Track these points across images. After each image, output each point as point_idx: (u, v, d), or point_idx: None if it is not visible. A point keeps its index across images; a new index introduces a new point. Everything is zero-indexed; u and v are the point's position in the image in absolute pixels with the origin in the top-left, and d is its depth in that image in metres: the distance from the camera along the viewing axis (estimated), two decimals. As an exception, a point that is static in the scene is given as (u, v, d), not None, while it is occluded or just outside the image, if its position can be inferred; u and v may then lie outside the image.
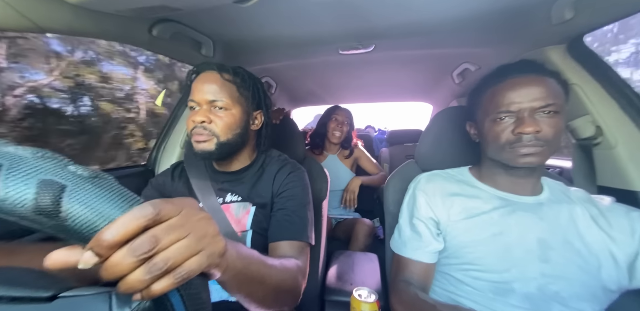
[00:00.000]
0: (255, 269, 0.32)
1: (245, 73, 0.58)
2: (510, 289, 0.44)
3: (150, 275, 0.17)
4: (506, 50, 0.77)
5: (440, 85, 1.28)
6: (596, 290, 0.43)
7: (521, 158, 0.45)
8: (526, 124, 0.43)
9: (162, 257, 0.18)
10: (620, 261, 0.42)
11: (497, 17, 0.63)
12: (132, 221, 0.17)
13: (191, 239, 0.20)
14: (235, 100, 0.54)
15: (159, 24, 0.61)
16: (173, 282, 0.18)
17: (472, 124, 0.56)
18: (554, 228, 0.46)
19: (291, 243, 0.50)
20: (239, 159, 0.60)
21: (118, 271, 0.17)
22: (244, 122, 0.56)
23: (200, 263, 0.20)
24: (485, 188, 0.53)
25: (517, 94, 0.45)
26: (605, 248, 0.43)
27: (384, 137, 2.28)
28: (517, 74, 0.46)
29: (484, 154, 0.54)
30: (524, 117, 0.44)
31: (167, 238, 0.19)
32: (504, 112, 0.46)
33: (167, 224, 0.19)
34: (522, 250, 0.45)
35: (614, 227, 0.44)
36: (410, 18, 0.65)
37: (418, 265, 0.51)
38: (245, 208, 0.57)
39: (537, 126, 0.43)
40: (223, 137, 0.53)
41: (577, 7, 0.54)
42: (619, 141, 0.59)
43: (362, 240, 1.07)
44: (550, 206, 0.49)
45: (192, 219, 0.21)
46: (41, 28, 0.45)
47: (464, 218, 0.50)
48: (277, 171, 0.59)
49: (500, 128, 0.46)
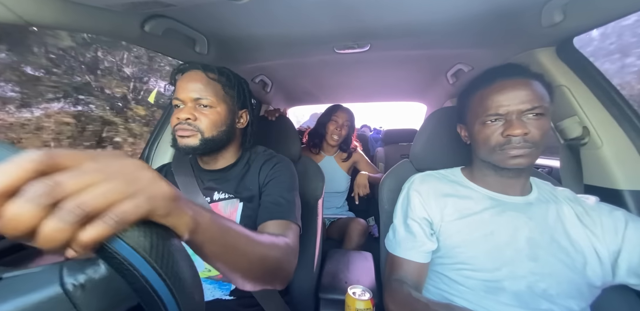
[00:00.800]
0: (235, 238, 0.30)
1: (230, 73, 0.59)
2: (500, 287, 0.45)
3: (64, 222, 0.15)
4: (498, 52, 0.79)
5: (434, 85, 1.29)
6: (582, 287, 0.44)
7: (511, 160, 0.46)
8: (514, 127, 0.44)
9: (75, 201, 0.15)
10: (604, 258, 0.44)
11: (489, 19, 0.64)
12: (19, 165, 0.15)
13: (116, 182, 0.17)
14: (221, 98, 0.55)
15: (151, 20, 0.59)
16: (105, 228, 0.16)
17: (462, 127, 0.57)
18: (542, 227, 0.47)
19: (278, 222, 0.50)
20: (225, 156, 0.61)
21: (21, 225, 0.14)
22: (229, 120, 0.57)
23: (137, 205, 0.17)
24: (476, 189, 0.54)
25: (505, 97, 0.46)
26: (590, 245, 0.45)
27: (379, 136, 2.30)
28: (504, 77, 0.48)
29: (475, 156, 0.55)
30: (512, 120, 0.45)
31: (73, 181, 0.16)
32: (493, 115, 0.47)
33: (73, 170, 0.16)
34: (512, 249, 0.47)
35: (598, 225, 0.46)
36: (405, 18, 0.65)
37: (412, 264, 0.51)
38: (234, 205, 0.57)
39: (525, 128, 0.44)
40: (208, 134, 0.53)
41: (566, 10, 0.55)
42: (604, 141, 0.61)
43: (355, 240, 1.07)
44: (538, 205, 0.50)
45: (114, 164, 0.18)
46: (27, 21, 0.43)
47: (456, 219, 0.51)
48: (262, 163, 0.61)
49: (489, 131, 0.48)
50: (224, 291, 0.54)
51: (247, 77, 1.09)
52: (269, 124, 0.87)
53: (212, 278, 0.55)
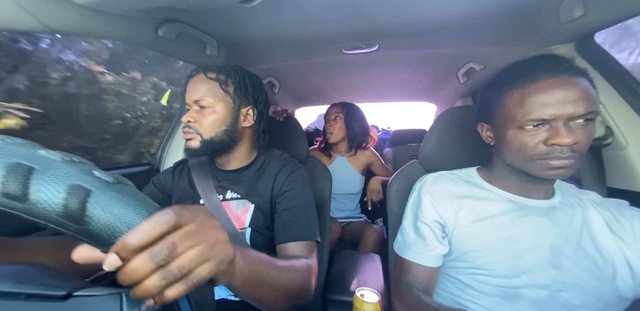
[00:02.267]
0: (264, 272, 0.33)
1: (232, 70, 0.58)
2: (518, 295, 0.43)
3: (165, 281, 0.18)
4: (513, 49, 0.76)
5: (444, 85, 1.26)
6: (610, 299, 0.41)
7: (552, 171, 0.41)
8: (562, 135, 0.38)
9: (178, 264, 0.19)
10: (636, 268, 0.41)
11: (503, 16, 0.62)
12: (156, 227, 0.18)
13: (204, 246, 0.21)
14: (219, 97, 0.55)
15: (164, 25, 0.61)
16: (185, 288, 0.19)
17: (485, 126, 0.50)
18: (567, 234, 0.44)
19: (299, 244, 0.51)
20: (237, 157, 0.61)
21: (137, 276, 0.18)
22: (229, 119, 0.56)
23: (210, 269, 0.21)
24: (495, 190, 0.51)
25: (554, 99, 0.38)
26: (620, 254, 0.42)
27: (387, 137, 2.27)
28: (550, 74, 0.40)
29: (498, 158, 0.50)
30: (559, 127, 0.39)
31: (182, 245, 0.19)
32: (536, 120, 0.40)
33: (183, 232, 0.20)
34: (533, 256, 0.44)
35: (630, 232, 0.43)
36: (414, 17, 0.64)
37: (422, 268, 0.49)
38: (245, 206, 0.57)
39: (574, 137, 0.38)
40: (206, 135, 0.54)
41: (586, 4, 0.53)
42: (629, 142, 0.58)
43: (370, 248, 1.03)
44: (563, 210, 0.46)
45: (205, 227, 0.22)
46: (51, 29, 0.45)
47: (472, 221, 0.48)
48: (277, 171, 0.59)
49: (529, 138, 0.41)
50: (230, 291, 0.54)
51: (256, 78, 1.10)
52: (276, 124, 0.88)
53: None
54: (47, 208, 0.16)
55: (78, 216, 0.16)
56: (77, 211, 0.16)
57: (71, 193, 0.16)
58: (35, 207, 0.16)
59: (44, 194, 0.16)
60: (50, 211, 0.16)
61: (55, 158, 0.17)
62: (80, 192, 0.17)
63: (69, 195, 0.16)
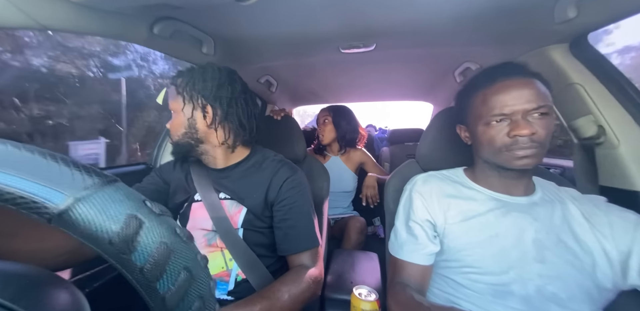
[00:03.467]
0: None
1: (187, 71, 0.56)
2: (509, 291, 0.44)
3: None
4: (508, 49, 0.77)
5: (441, 84, 1.27)
6: (591, 290, 0.43)
7: (518, 160, 0.45)
8: (521, 127, 0.43)
9: None
10: (613, 259, 0.43)
11: (499, 16, 0.63)
12: None
13: None
14: (177, 101, 0.55)
15: (160, 22, 0.60)
16: None
17: (462, 127, 0.56)
18: (548, 228, 0.46)
19: (304, 254, 0.54)
20: (217, 157, 0.59)
21: None
22: (187, 121, 0.54)
23: None
24: (480, 189, 0.53)
25: (510, 96, 0.45)
26: (598, 246, 0.44)
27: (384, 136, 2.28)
28: (505, 76, 0.47)
29: (477, 157, 0.54)
30: (518, 120, 0.44)
31: None
32: (498, 116, 0.46)
33: None
34: (518, 251, 0.45)
35: (607, 225, 0.45)
36: (412, 17, 0.64)
37: (415, 267, 0.51)
38: (237, 207, 0.57)
39: (532, 128, 0.43)
40: (174, 138, 0.57)
41: (580, 5, 0.53)
42: (621, 141, 0.59)
43: (354, 237, 1.06)
44: (543, 205, 0.49)
45: None
46: (43, 25, 0.44)
47: (460, 221, 0.50)
48: (273, 174, 0.58)
49: (494, 131, 0.47)
50: (222, 291, 0.54)
51: (253, 77, 1.10)
52: (274, 124, 0.88)
53: None
54: (137, 263, 0.16)
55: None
56: (158, 269, 0.17)
57: (159, 252, 0.17)
58: (130, 260, 0.16)
59: (142, 250, 0.16)
60: (139, 265, 0.16)
61: (155, 211, 0.18)
62: (165, 252, 0.17)
63: (156, 253, 0.17)
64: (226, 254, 0.54)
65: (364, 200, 1.14)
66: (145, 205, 0.18)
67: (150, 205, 0.18)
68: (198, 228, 0.56)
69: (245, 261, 0.53)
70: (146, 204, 0.18)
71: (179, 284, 0.17)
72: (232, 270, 0.54)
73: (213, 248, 0.55)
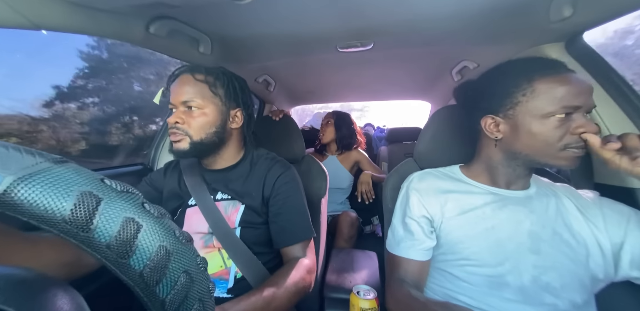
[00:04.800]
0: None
1: (220, 72, 0.58)
2: (504, 282, 0.45)
3: None
4: (505, 48, 0.77)
5: (439, 83, 1.27)
6: (584, 279, 0.44)
7: (574, 161, 0.43)
8: (590, 125, 0.39)
9: None
10: (606, 250, 0.44)
11: (495, 15, 0.63)
12: None
13: None
14: (208, 99, 0.55)
15: (156, 21, 0.60)
16: None
17: (494, 118, 0.48)
18: (543, 220, 0.47)
19: (298, 245, 0.56)
20: (224, 157, 0.61)
21: None
22: (219, 121, 0.56)
23: None
24: (476, 184, 0.54)
25: (580, 90, 0.40)
26: (592, 237, 0.45)
27: (383, 135, 2.28)
28: (565, 70, 0.43)
29: (498, 151, 0.50)
30: (583, 117, 0.41)
31: None
32: (569, 108, 0.40)
33: None
34: (513, 243, 0.46)
35: (600, 217, 0.46)
36: (409, 15, 0.64)
37: (412, 263, 0.51)
38: (235, 206, 0.58)
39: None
40: (196, 137, 0.54)
41: (575, 4, 0.54)
42: None
43: (345, 232, 1.07)
44: (539, 199, 0.50)
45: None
46: (36, 25, 0.44)
47: (457, 214, 0.51)
48: (266, 171, 0.60)
49: (561, 127, 0.41)
50: (222, 289, 0.54)
51: (251, 76, 1.09)
52: (273, 124, 0.87)
53: (210, 275, 0.56)
54: (102, 240, 0.16)
55: (125, 250, 0.16)
56: (127, 244, 0.16)
57: (125, 226, 0.16)
58: (92, 238, 0.16)
59: (104, 227, 0.16)
60: (103, 243, 0.16)
61: (117, 188, 0.18)
62: (133, 226, 0.17)
63: (122, 228, 0.16)
64: (224, 253, 0.55)
65: (359, 196, 1.17)
66: (143, 207, 0.18)
67: (149, 208, 0.18)
68: (194, 232, 0.57)
69: (243, 260, 0.54)
70: (144, 207, 0.18)
71: (179, 288, 0.17)
72: (230, 267, 0.55)
73: (210, 248, 0.56)
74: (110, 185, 0.17)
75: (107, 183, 0.17)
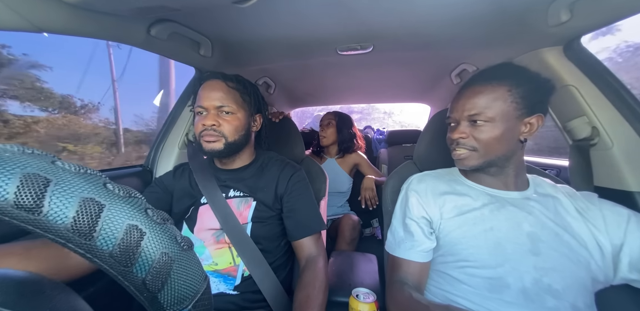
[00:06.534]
0: None
1: (245, 81, 0.65)
2: (504, 285, 0.45)
3: None
4: (504, 52, 0.78)
5: (438, 86, 1.28)
6: (586, 281, 0.43)
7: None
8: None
9: None
10: (606, 251, 0.44)
11: (494, 19, 0.63)
12: None
13: None
14: (240, 105, 0.60)
15: (157, 24, 0.60)
16: None
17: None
18: (542, 222, 0.47)
19: (311, 238, 0.60)
20: (241, 157, 0.66)
21: None
22: (247, 125, 0.62)
23: None
24: (474, 186, 0.54)
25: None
26: (592, 239, 0.45)
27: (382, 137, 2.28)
28: None
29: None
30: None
31: None
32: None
33: None
34: (513, 244, 0.46)
35: (600, 219, 0.46)
36: (409, 19, 0.65)
37: (412, 264, 0.51)
38: (247, 203, 0.61)
39: None
40: (231, 138, 0.59)
41: (572, 9, 0.54)
42: (615, 142, 0.60)
43: (347, 234, 1.07)
44: (537, 200, 0.50)
45: None
46: (38, 28, 0.44)
47: (456, 215, 0.51)
48: (279, 172, 0.65)
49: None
50: (229, 285, 0.56)
51: (251, 79, 1.09)
52: (273, 126, 0.88)
53: (218, 271, 0.57)
54: (58, 222, 0.15)
55: (87, 231, 0.16)
56: (88, 225, 0.16)
57: (83, 207, 0.16)
58: (47, 220, 0.15)
59: (58, 208, 0.15)
60: (61, 225, 0.15)
61: (70, 169, 0.17)
62: (94, 206, 0.16)
63: (80, 209, 0.16)
64: (233, 250, 0.57)
65: (363, 202, 1.15)
66: (146, 214, 0.17)
67: (152, 214, 0.18)
68: (206, 228, 0.59)
69: (250, 258, 0.56)
70: (147, 213, 0.17)
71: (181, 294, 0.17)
72: (239, 265, 0.57)
73: (221, 244, 0.58)
74: (112, 190, 0.17)
75: (109, 188, 0.17)
